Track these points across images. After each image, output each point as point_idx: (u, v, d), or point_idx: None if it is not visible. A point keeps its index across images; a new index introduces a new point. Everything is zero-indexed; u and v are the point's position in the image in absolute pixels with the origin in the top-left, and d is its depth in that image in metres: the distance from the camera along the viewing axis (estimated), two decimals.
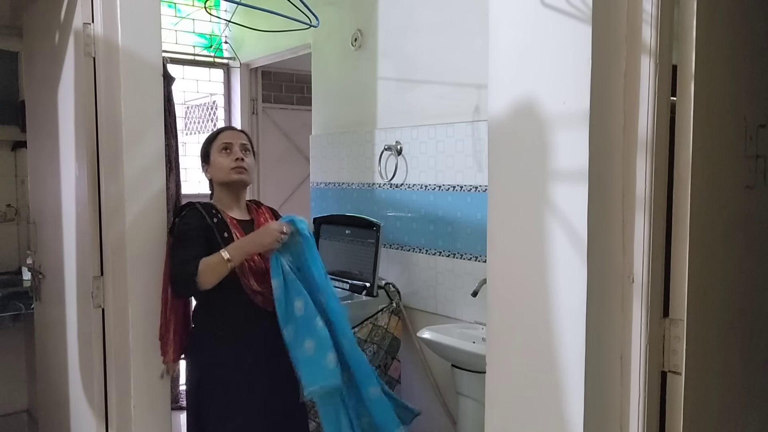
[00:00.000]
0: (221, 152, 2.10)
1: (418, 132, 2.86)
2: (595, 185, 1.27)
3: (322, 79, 3.54)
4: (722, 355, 1.51)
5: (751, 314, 1.62)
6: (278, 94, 4.71)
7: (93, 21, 2.09)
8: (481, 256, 2.57)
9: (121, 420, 2.11)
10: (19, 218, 3.46)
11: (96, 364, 2.15)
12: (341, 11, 3.33)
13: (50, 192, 2.56)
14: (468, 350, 2.32)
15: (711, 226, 1.39)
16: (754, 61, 1.57)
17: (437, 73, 2.77)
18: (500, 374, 1.46)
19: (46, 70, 2.55)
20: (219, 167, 2.10)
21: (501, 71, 1.44)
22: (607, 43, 1.28)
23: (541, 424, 1.37)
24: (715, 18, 1.35)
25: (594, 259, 1.28)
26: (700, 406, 1.39)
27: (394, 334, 2.85)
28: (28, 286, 3.07)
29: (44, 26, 2.54)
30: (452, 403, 2.71)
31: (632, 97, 1.29)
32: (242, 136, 2.17)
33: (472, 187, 2.62)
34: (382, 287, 2.89)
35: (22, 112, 3.13)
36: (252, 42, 4.26)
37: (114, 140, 2.05)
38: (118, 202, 2.05)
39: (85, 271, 2.16)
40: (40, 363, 2.95)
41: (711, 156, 1.37)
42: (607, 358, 1.33)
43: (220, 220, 2.05)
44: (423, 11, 2.84)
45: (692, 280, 1.31)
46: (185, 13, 4.45)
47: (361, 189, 3.23)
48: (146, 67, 2.07)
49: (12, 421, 3.43)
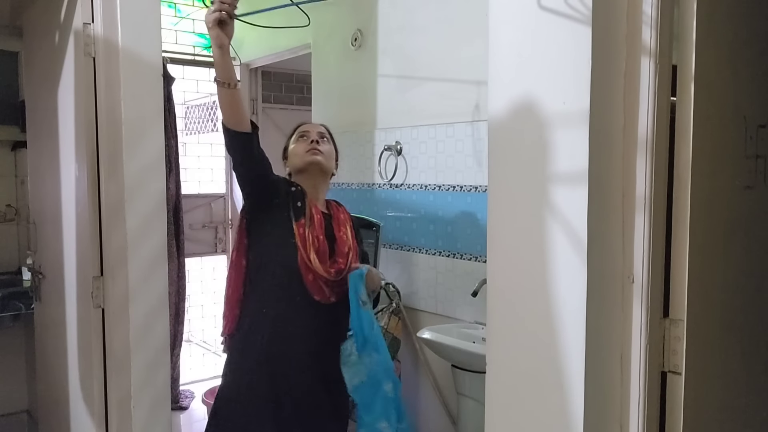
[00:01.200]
0: (298, 140, 2.12)
1: (418, 132, 2.86)
2: (595, 185, 1.27)
3: (322, 79, 3.54)
4: (722, 355, 1.51)
5: (751, 314, 1.62)
6: (278, 94, 4.71)
7: (93, 21, 2.09)
8: (481, 256, 2.57)
9: (121, 420, 2.11)
10: (19, 218, 3.46)
11: (96, 364, 2.15)
12: (341, 11, 3.33)
13: (50, 192, 2.56)
14: (468, 350, 2.32)
15: (711, 226, 1.39)
16: (754, 61, 1.57)
17: (437, 72, 2.77)
18: (500, 374, 1.46)
19: (46, 70, 2.55)
20: (294, 153, 2.11)
21: (501, 71, 1.44)
22: (606, 44, 1.28)
23: (541, 424, 1.37)
24: (715, 18, 1.35)
25: (594, 259, 1.28)
26: (700, 406, 1.39)
27: (394, 334, 2.85)
28: (28, 286, 3.07)
29: (44, 26, 2.54)
30: (452, 403, 2.71)
31: (632, 97, 1.29)
32: (319, 126, 2.18)
33: (472, 187, 2.62)
34: (382, 287, 2.89)
35: (22, 112, 3.14)
36: (252, 42, 4.26)
37: (114, 140, 2.05)
38: (118, 202, 2.05)
39: (85, 271, 2.16)
40: (40, 363, 2.95)
41: (711, 156, 1.37)
42: (607, 358, 1.33)
43: (298, 191, 2.04)
44: (423, 11, 2.84)
45: (692, 280, 1.31)
46: (185, 13, 4.45)
47: (361, 189, 3.23)
48: (146, 67, 2.07)
49: (12, 421, 3.43)
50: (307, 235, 1.95)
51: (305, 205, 2.01)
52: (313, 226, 1.99)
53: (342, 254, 2.01)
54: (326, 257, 1.98)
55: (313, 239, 1.96)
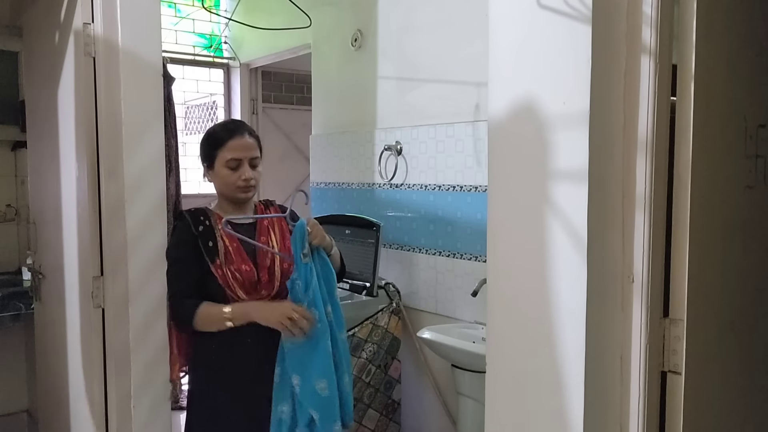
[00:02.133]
0: (228, 166, 1.89)
1: (418, 132, 2.86)
2: (595, 185, 1.27)
3: (322, 79, 3.54)
4: (722, 355, 1.51)
5: (751, 314, 1.62)
6: (278, 94, 4.71)
7: (93, 21, 2.09)
8: (481, 256, 2.57)
9: (121, 420, 2.11)
10: (19, 218, 3.46)
11: (96, 364, 2.15)
12: (341, 11, 3.34)
13: (50, 192, 2.56)
14: (468, 350, 2.32)
15: (711, 226, 1.39)
16: (754, 61, 1.57)
17: (437, 72, 2.77)
18: (500, 374, 1.46)
19: (46, 70, 2.55)
20: (224, 181, 1.91)
21: (501, 71, 1.44)
22: (606, 43, 1.28)
23: (541, 424, 1.37)
24: (715, 18, 1.35)
25: (594, 259, 1.28)
26: (700, 406, 1.39)
27: (394, 334, 2.85)
28: (28, 286, 3.07)
29: (44, 26, 2.54)
30: (452, 403, 2.71)
31: (632, 97, 1.29)
32: (253, 146, 1.94)
33: (472, 187, 2.62)
34: (382, 287, 2.89)
35: (22, 112, 3.14)
36: (252, 42, 4.26)
37: (114, 140, 2.05)
38: (118, 202, 2.05)
39: (85, 271, 2.16)
40: (40, 363, 2.95)
41: (711, 156, 1.37)
42: (607, 358, 1.33)
43: (207, 228, 1.90)
44: (423, 11, 2.84)
45: (692, 280, 1.31)
46: (185, 13, 4.45)
47: (361, 189, 3.23)
48: (146, 67, 2.07)
49: (12, 421, 3.43)
50: (226, 272, 1.86)
51: (215, 242, 1.88)
52: (230, 259, 1.88)
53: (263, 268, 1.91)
54: (254, 286, 1.89)
55: (233, 274, 1.86)
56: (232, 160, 1.88)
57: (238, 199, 1.95)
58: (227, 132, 1.92)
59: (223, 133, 1.93)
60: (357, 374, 2.71)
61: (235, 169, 1.89)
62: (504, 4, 1.42)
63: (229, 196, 1.94)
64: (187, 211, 1.94)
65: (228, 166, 1.89)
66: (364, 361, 2.74)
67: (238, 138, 1.91)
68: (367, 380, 2.77)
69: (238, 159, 1.89)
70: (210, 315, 1.82)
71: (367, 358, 2.74)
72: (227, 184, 1.91)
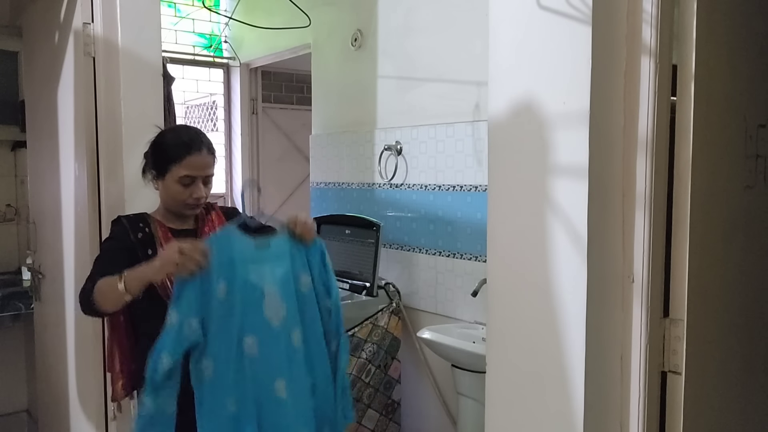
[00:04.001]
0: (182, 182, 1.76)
1: (418, 132, 2.86)
2: (595, 185, 1.27)
3: (321, 79, 3.54)
4: (722, 355, 1.51)
5: (751, 314, 1.62)
6: (278, 94, 4.71)
7: (93, 21, 2.09)
8: (481, 256, 2.57)
9: (121, 420, 2.11)
10: (19, 218, 3.46)
11: (96, 364, 2.15)
12: (341, 11, 3.33)
13: (50, 192, 2.56)
14: (468, 350, 2.32)
15: (711, 226, 1.39)
16: (754, 61, 1.57)
17: (437, 72, 2.77)
18: (500, 374, 1.46)
19: (46, 70, 2.55)
20: (172, 195, 1.79)
21: (501, 71, 1.44)
22: (607, 43, 1.28)
23: (541, 423, 1.37)
24: (715, 18, 1.35)
25: (594, 258, 1.28)
26: (700, 406, 1.39)
27: (394, 334, 2.85)
28: (28, 286, 3.07)
29: (44, 26, 2.54)
30: (452, 403, 2.71)
31: (632, 97, 1.29)
32: (209, 163, 1.80)
33: (472, 187, 2.62)
34: (382, 287, 2.89)
35: (22, 112, 3.14)
36: (252, 42, 4.26)
37: (114, 140, 2.06)
38: (118, 202, 2.05)
39: (85, 271, 2.15)
40: (40, 363, 2.95)
41: (711, 156, 1.37)
42: (607, 358, 1.33)
43: (146, 234, 1.78)
44: (423, 11, 2.83)
45: (692, 280, 1.31)
46: (185, 13, 4.45)
47: (361, 189, 3.23)
48: (146, 67, 2.07)
49: (12, 421, 3.43)
50: (166, 282, 1.72)
51: (155, 247, 1.77)
52: None
53: None
54: None
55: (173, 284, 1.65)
56: (186, 177, 1.76)
57: (182, 214, 1.85)
58: (185, 147, 1.77)
59: (180, 148, 1.77)
60: (357, 374, 2.71)
61: (187, 185, 1.77)
62: (504, 4, 1.42)
63: (174, 210, 1.84)
64: (124, 217, 1.84)
65: (181, 183, 1.76)
66: (363, 361, 2.74)
67: (196, 155, 1.76)
68: (367, 380, 2.77)
69: (193, 177, 1.77)
70: (104, 286, 1.63)
71: (367, 358, 2.74)
72: (176, 200, 1.79)
